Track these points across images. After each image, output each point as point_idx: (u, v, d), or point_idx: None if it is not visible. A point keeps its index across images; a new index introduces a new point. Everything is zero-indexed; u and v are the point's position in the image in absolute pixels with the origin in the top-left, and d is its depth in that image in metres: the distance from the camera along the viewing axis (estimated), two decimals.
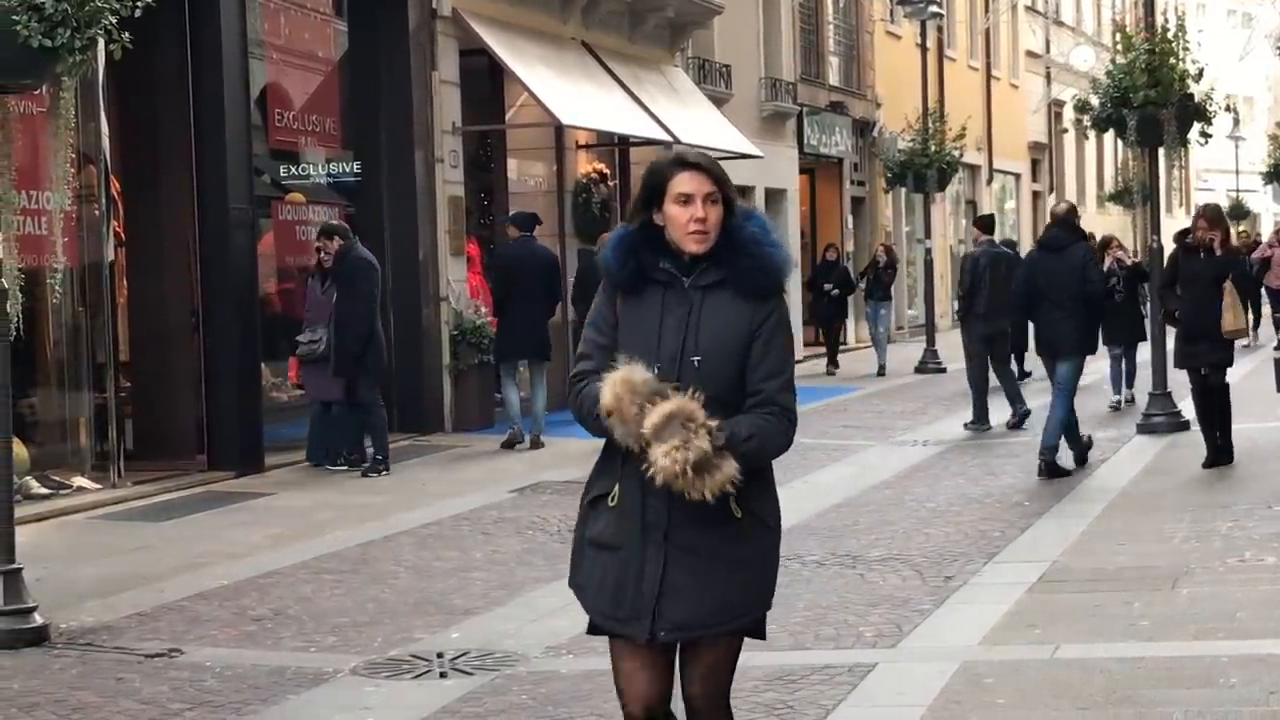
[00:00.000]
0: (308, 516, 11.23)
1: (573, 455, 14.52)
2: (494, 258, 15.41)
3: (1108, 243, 17.87)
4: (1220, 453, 12.34)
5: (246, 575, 9.20)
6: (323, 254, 13.32)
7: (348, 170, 15.74)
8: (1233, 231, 18.06)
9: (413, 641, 7.61)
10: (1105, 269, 16.37)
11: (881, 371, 23.38)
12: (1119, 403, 17.52)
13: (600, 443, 4.35)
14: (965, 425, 16.15)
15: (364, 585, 8.96)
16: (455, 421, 16.06)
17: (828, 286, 23.64)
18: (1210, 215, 12.54)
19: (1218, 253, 12.20)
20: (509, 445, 14.81)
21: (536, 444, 14.90)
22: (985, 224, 17.60)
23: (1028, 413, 15.88)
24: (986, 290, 15.97)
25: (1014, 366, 21.52)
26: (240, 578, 9.13)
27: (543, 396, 15.17)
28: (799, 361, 25.08)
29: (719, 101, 23.06)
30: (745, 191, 25.39)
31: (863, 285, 24.52)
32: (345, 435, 13.59)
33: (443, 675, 7.01)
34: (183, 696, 6.67)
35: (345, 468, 13.30)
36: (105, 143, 12.10)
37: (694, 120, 20.75)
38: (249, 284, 13.44)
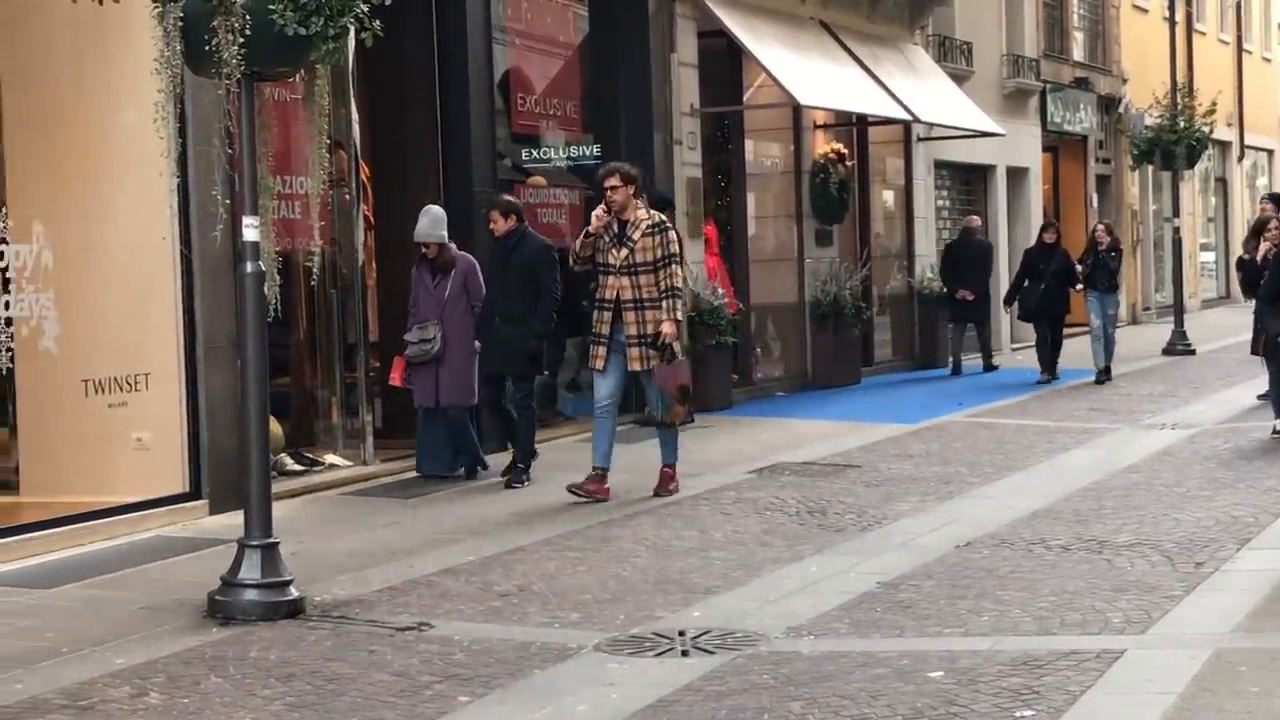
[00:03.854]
0: (547, 494, 11.37)
1: (809, 435, 14.52)
2: None
3: (1263, 226, 14.66)
4: None
5: (492, 551, 9.36)
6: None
7: (587, 153, 15.88)
8: None
9: (654, 619, 7.67)
10: (1259, 257, 14.23)
11: (1103, 377, 18.98)
12: None
13: None
14: (1259, 396, 15.59)
15: (606, 563, 9.06)
16: (694, 401, 16.07)
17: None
18: None
19: None
20: (650, 423, 14.86)
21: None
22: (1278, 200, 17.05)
23: None
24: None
25: None
26: (486, 554, 9.30)
27: None
28: (1023, 347, 24.50)
29: (960, 79, 22.74)
30: (986, 170, 25.04)
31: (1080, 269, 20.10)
32: (466, 442, 11.98)
33: (684, 653, 7.05)
34: (432, 669, 6.82)
35: (526, 481, 11.77)
36: (355, 129, 12.40)
37: (934, 98, 20.51)
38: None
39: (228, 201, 8.06)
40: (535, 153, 15.69)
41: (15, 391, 10.54)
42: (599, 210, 10.91)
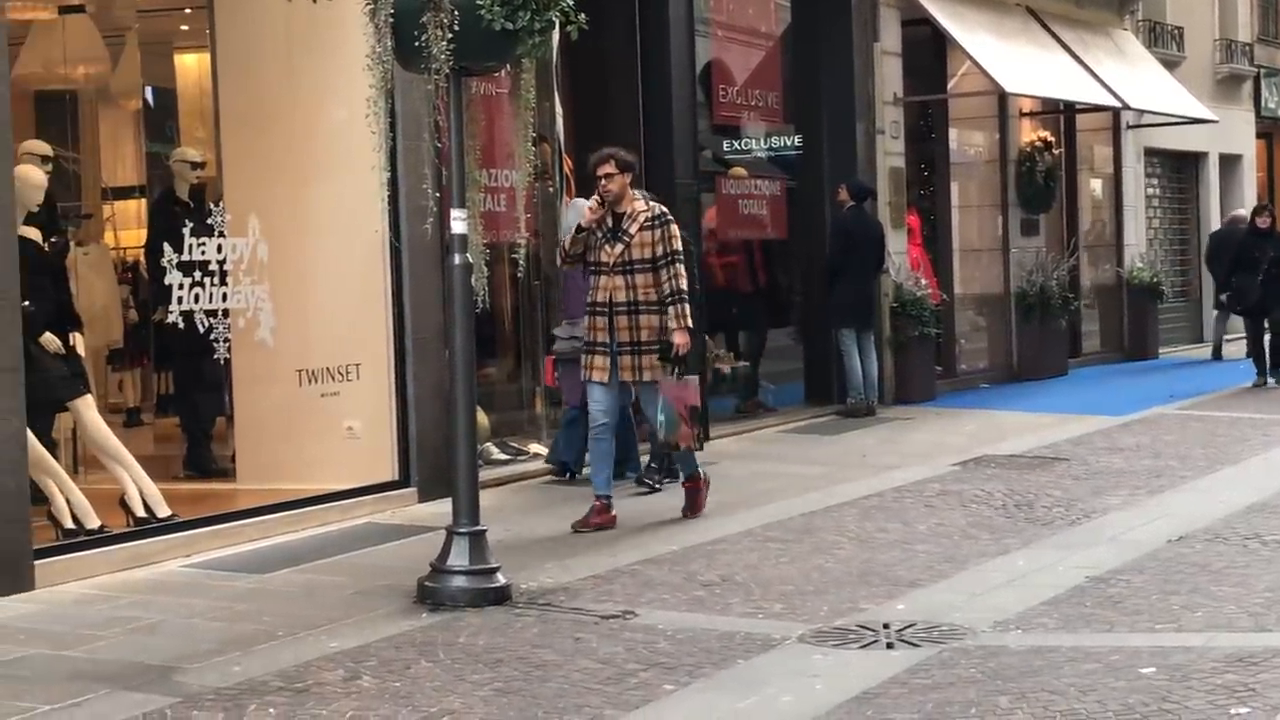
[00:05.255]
0: (750, 485, 11.39)
1: (1015, 428, 14.33)
2: (833, 225, 15.34)
3: None
4: None
5: (694, 541, 9.39)
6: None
7: (788, 144, 15.85)
8: None
9: (858, 611, 7.64)
10: None
11: None
12: None
13: None
14: None
15: (808, 554, 9.04)
16: (896, 393, 16.03)
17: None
18: None
19: None
20: (850, 414, 14.85)
21: (870, 411, 14.95)
22: None
23: None
24: None
25: None
26: (689, 544, 9.33)
27: (875, 364, 15.29)
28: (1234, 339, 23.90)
29: (1170, 65, 22.25)
30: (1198, 158, 24.47)
31: None
32: (628, 445, 11.28)
33: (889, 646, 7.01)
34: (637, 657, 6.87)
35: (656, 487, 11.08)
36: (559, 122, 12.51)
37: (1143, 85, 20.09)
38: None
39: (436, 195, 8.19)
40: (736, 144, 15.70)
41: (232, 381, 10.85)
42: (592, 202, 9.90)
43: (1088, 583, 8.13)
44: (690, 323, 9.76)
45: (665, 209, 10.05)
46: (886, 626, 7.28)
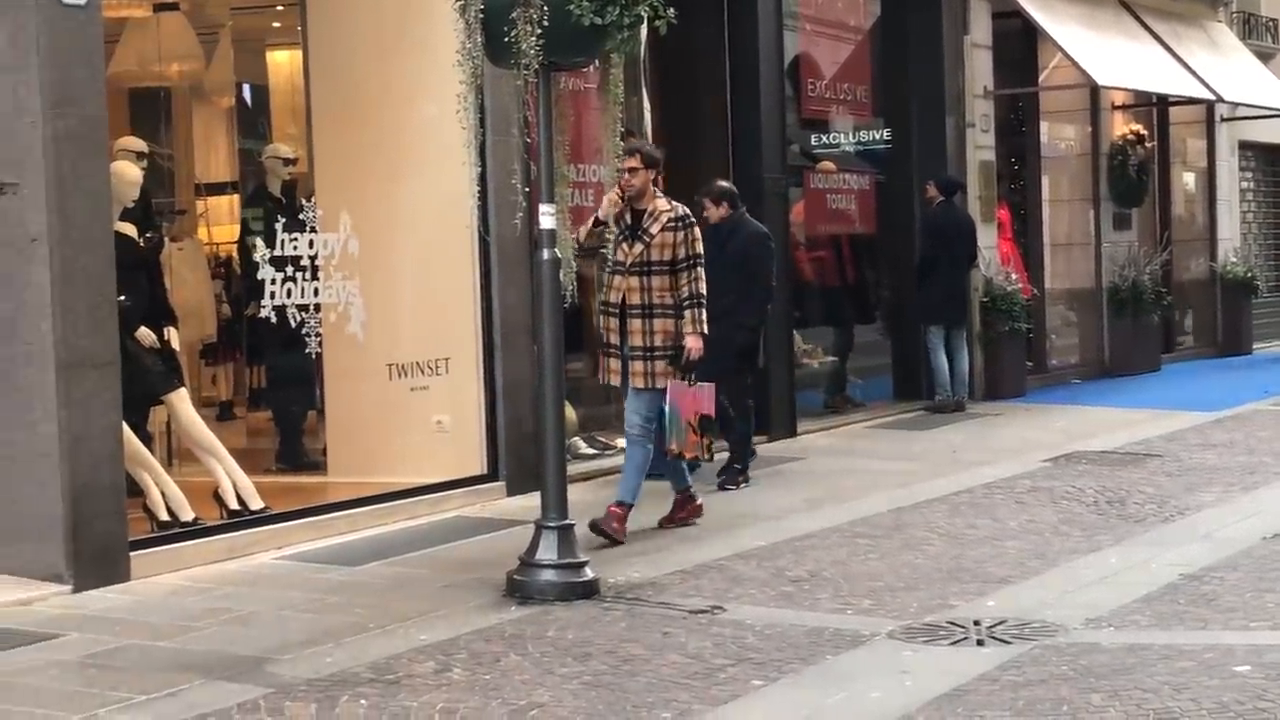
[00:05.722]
0: (839, 480, 11.35)
1: (1106, 424, 14.20)
2: (922, 221, 15.29)
3: None
4: None
5: (783, 537, 9.37)
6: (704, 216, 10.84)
7: (877, 138, 15.78)
8: None
9: (948, 608, 7.60)
10: None
11: None
12: None
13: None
14: None
15: (898, 550, 8.99)
16: (986, 388, 15.92)
17: None
18: None
19: None
20: (938, 410, 14.82)
21: (960, 407, 14.91)
22: None
23: None
24: None
25: None
26: (777, 539, 9.32)
27: (965, 360, 15.25)
28: None
29: (1265, 57, 21.94)
30: None
31: None
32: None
33: (980, 643, 6.97)
34: (725, 652, 6.86)
35: (743, 484, 11.14)
36: (647, 117, 12.51)
37: (1237, 77, 19.83)
38: (782, 252, 13.63)
39: (526, 190, 8.22)
40: (825, 138, 15.64)
41: (323, 375, 10.94)
42: (613, 195, 9.25)
43: (1181, 580, 8.05)
44: (706, 329, 9.25)
45: (688, 210, 9.58)
46: (977, 623, 7.24)
